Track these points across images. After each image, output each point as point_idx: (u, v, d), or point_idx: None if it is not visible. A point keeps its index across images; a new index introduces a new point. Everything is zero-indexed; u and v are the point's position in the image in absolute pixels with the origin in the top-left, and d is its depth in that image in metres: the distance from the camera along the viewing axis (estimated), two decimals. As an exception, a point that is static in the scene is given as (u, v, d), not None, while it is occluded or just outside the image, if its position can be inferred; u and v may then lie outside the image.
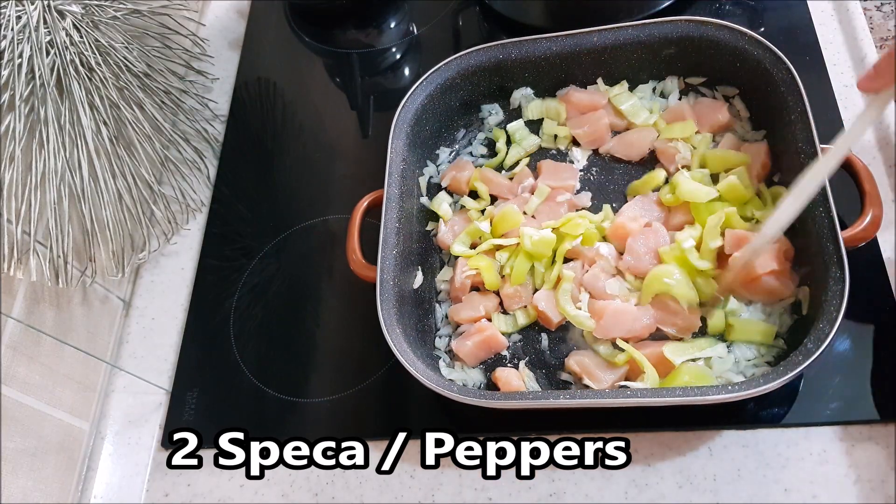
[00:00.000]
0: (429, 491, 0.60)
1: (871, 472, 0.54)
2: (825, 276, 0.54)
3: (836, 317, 0.51)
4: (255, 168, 0.83)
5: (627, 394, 0.54)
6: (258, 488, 0.63)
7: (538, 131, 0.75)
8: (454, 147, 0.76)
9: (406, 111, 0.70)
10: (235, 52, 0.93)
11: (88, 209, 0.65)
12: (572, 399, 0.55)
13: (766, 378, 0.51)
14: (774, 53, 0.63)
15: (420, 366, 0.58)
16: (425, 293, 0.68)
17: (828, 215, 0.55)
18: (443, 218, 0.70)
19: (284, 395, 0.67)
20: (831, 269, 0.53)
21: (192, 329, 0.73)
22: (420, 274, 0.68)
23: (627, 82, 0.73)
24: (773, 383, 0.50)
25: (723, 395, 0.51)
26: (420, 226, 0.71)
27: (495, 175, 0.72)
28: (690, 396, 0.52)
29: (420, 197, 0.72)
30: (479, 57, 0.72)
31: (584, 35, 0.70)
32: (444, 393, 0.56)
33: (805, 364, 0.50)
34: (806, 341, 0.52)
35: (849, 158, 0.58)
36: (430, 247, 0.71)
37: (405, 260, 0.66)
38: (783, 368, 0.52)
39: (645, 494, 0.57)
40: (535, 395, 0.57)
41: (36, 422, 0.61)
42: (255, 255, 0.76)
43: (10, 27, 0.59)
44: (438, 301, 0.69)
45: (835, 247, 0.54)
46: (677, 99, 0.72)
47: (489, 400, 0.56)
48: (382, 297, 0.60)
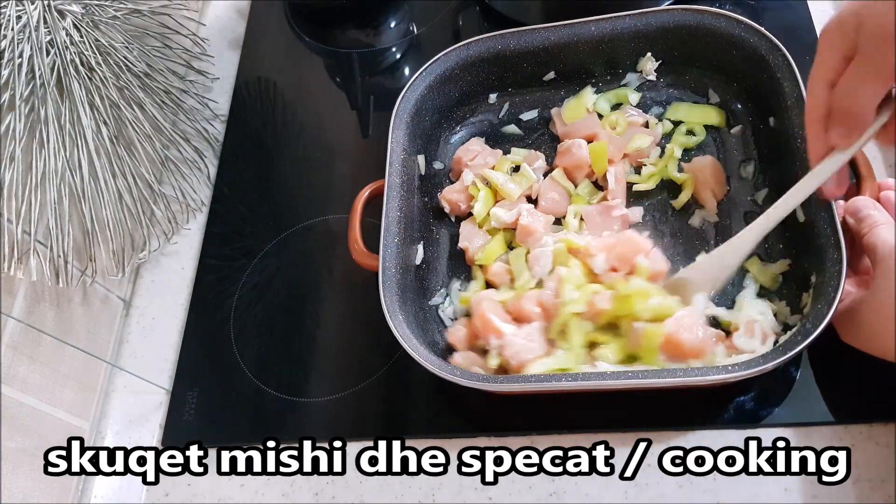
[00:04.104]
0: (429, 491, 0.60)
1: (871, 472, 0.54)
2: (823, 258, 0.54)
3: (833, 297, 0.51)
4: (255, 168, 0.83)
5: (629, 375, 0.54)
6: (258, 488, 0.63)
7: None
8: (457, 133, 0.76)
9: (406, 101, 0.71)
10: (235, 52, 0.93)
11: (89, 209, 0.65)
12: (574, 381, 0.54)
13: (765, 357, 0.52)
14: (770, 40, 0.63)
15: (423, 351, 0.58)
16: (426, 280, 0.68)
17: (824, 198, 0.55)
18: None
19: (284, 394, 0.67)
20: (828, 252, 0.54)
21: (192, 329, 0.73)
22: (421, 249, 0.69)
23: (622, 71, 0.73)
24: (774, 362, 0.50)
25: (725, 375, 0.52)
26: (420, 204, 0.71)
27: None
28: (691, 377, 0.53)
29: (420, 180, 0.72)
30: (479, 47, 0.72)
31: (581, 25, 0.70)
32: (447, 377, 0.56)
33: (805, 343, 0.50)
34: (804, 322, 0.53)
35: None
36: (429, 220, 0.72)
37: (406, 246, 0.66)
38: (782, 348, 0.52)
39: (645, 494, 0.57)
40: (538, 378, 0.56)
41: (36, 421, 0.61)
42: (255, 255, 0.76)
43: (11, 27, 0.59)
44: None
45: (832, 229, 0.54)
46: (654, 76, 0.73)
47: (492, 383, 0.56)
48: (385, 286, 0.61)
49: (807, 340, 0.50)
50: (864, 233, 0.53)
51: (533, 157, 0.72)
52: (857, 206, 0.55)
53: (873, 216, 0.53)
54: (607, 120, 0.71)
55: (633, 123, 0.71)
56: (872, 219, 0.53)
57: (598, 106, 0.73)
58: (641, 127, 0.71)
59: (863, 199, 0.55)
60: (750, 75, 0.67)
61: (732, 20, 0.66)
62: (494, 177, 0.69)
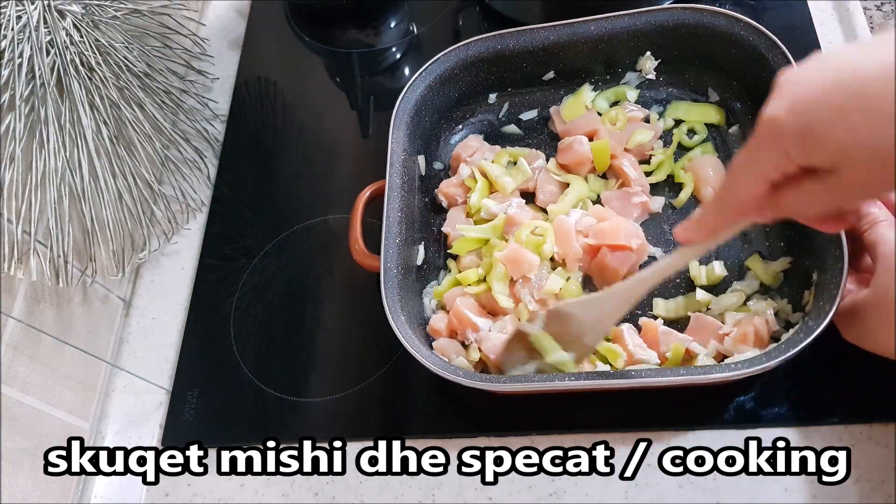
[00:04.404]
0: (429, 491, 0.60)
1: (871, 472, 0.54)
2: (824, 256, 0.54)
3: (835, 294, 0.51)
4: (255, 168, 0.83)
5: (632, 374, 0.54)
6: (258, 488, 0.63)
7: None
8: (457, 133, 0.77)
9: (406, 101, 0.71)
10: (235, 52, 0.93)
11: (89, 209, 0.65)
12: (577, 381, 0.54)
13: (768, 355, 0.52)
14: (769, 39, 0.63)
15: (426, 352, 0.59)
16: (426, 281, 0.69)
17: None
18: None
19: (284, 394, 0.67)
20: (829, 249, 0.54)
21: (192, 329, 0.73)
22: (422, 250, 0.69)
23: (622, 70, 0.73)
24: (777, 360, 0.50)
25: (727, 374, 0.52)
26: (421, 205, 0.71)
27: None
28: (695, 376, 0.53)
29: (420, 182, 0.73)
30: (478, 47, 0.72)
31: (581, 24, 0.71)
32: (451, 377, 0.56)
33: (808, 340, 0.50)
34: (807, 319, 0.53)
35: None
36: (430, 220, 0.72)
37: (407, 246, 0.66)
38: (785, 346, 0.52)
39: (645, 494, 0.57)
40: (542, 378, 0.57)
41: (36, 421, 0.61)
42: (255, 255, 0.76)
43: (11, 27, 0.59)
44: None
45: None
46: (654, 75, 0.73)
47: (495, 384, 0.56)
48: (387, 286, 0.60)
49: (810, 338, 0.50)
50: (864, 230, 0.53)
51: (534, 155, 0.72)
52: None
53: (874, 213, 0.53)
54: (607, 116, 0.71)
55: (633, 119, 0.71)
56: (873, 216, 0.53)
57: (596, 104, 0.73)
58: (642, 122, 0.71)
59: None
60: (749, 74, 0.67)
61: (732, 18, 0.66)
62: (491, 168, 0.70)
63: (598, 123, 0.70)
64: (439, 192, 0.71)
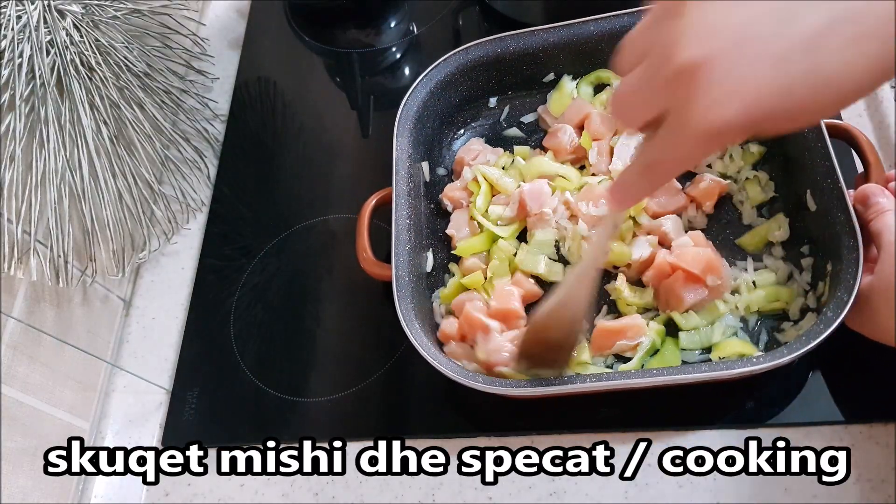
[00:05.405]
0: (429, 491, 0.60)
1: (871, 472, 0.54)
2: (838, 246, 0.54)
3: (853, 284, 0.51)
4: (255, 168, 0.83)
5: (653, 373, 0.54)
6: (258, 488, 0.63)
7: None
8: (459, 138, 0.76)
9: (408, 108, 0.71)
10: (235, 52, 0.93)
11: (89, 209, 0.65)
12: (598, 382, 0.55)
13: (789, 348, 0.52)
14: None
15: (442, 359, 0.58)
16: (435, 287, 0.68)
17: (835, 186, 0.55)
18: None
19: (284, 394, 0.67)
20: (844, 239, 0.54)
21: (192, 329, 0.73)
22: (430, 256, 0.69)
23: None
24: (797, 353, 0.50)
25: (748, 368, 0.52)
26: (427, 211, 0.71)
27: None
28: (716, 371, 0.53)
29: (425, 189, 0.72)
30: (478, 52, 0.72)
31: (580, 25, 0.71)
32: (469, 383, 0.55)
33: (828, 331, 0.50)
34: (825, 310, 0.53)
35: (849, 130, 0.59)
36: (437, 227, 0.71)
37: (417, 253, 0.66)
38: (805, 338, 0.52)
39: (645, 494, 0.57)
40: (561, 380, 0.56)
41: (36, 421, 0.61)
42: (255, 255, 0.76)
43: (11, 27, 0.59)
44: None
45: (846, 216, 0.54)
46: None
47: (515, 389, 0.56)
48: (400, 294, 0.60)
49: (829, 329, 0.50)
50: (870, 219, 0.53)
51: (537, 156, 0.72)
52: (865, 192, 0.55)
53: (881, 203, 0.53)
54: (598, 100, 0.72)
55: None
56: (880, 205, 0.53)
57: (580, 92, 0.73)
58: None
59: (871, 187, 0.55)
60: None
61: None
62: (490, 172, 0.70)
63: (588, 107, 0.71)
64: (444, 197, 0.71)
